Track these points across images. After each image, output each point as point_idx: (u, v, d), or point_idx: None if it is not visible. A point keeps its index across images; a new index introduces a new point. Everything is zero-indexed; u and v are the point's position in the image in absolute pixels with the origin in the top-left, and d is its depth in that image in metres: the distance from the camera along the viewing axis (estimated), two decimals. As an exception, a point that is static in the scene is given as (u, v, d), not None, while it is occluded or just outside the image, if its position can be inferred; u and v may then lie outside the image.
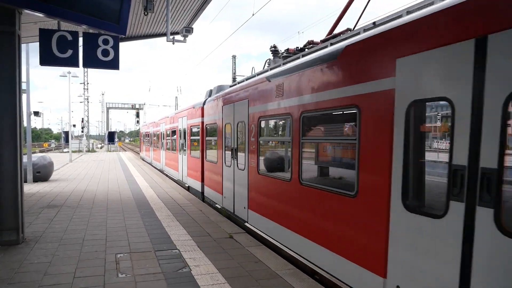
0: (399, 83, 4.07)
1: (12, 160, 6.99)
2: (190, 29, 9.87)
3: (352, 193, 4.94)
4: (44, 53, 7.27)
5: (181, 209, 10.70)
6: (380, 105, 4.40)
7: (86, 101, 61.08)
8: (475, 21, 3.27)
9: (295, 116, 6.49)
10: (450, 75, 3.49)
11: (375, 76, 4.50)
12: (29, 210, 10.12)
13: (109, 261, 6.15)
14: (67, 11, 6.95)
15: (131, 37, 12.59)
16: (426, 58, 3.74)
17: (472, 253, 3.25)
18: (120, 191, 14.32)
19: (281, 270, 5.86)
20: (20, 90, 7.17)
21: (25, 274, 5.57)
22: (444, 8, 3.64)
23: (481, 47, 3.18)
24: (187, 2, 9.96)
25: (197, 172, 14.16)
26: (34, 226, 8.44)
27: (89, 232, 7.97)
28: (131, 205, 11.19)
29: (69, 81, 33.01)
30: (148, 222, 8.96)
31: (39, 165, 16.99)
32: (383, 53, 4.39)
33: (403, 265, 4.01)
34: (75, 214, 9.78)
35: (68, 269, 5.77)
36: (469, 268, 3.28)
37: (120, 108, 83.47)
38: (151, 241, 7.34)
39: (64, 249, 6.76)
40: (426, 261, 3.71)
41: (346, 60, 5.14)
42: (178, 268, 5.89)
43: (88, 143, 60.39)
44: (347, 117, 5.62)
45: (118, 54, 7.68)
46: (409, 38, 4.02)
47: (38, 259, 6.24)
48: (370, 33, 4.78)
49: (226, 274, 5.67)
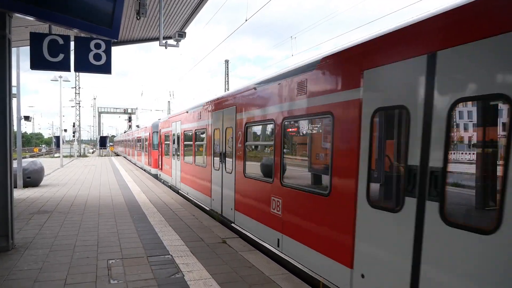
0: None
1: (1, 165, 6.89)
2: (183, 34, 9.84)
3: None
4: (35, 57, 7.18)
5: (173, 214, 10.63)
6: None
7: (78, 105, 60.52)
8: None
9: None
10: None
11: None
12: (19, 216, 9.97)
13: (100, 267, 6.07)
14: (59, 14, 6.85)
15: (124, 42, 12.53)
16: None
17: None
18: (112, 196, 14.19)
19: (275, 275, 5.83)
20: (10, 94, 7.08)
21: (15, 281, 5.47)
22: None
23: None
24: (180, 7, 9.95)
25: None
26: (24, 232, 8.31)
27: (80, 238, 7.87)
28: (123, 210, 11.08)
29: (60, 85, 32.77)
30: (141, 227, 8.88)
31: (30, 170, 16.75)
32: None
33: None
34: (66, 220, 9.66)
35: (59, 275, 5.68)
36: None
37: (112, 112, 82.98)
38: (144, 247, 7.27)
39: (54, 256, 6.67)
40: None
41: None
42: (171, 273, 5.83)
43: (80, 148, 59.81)
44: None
45: (110, 58, 7.62)
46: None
47: (28, 265, 6.14)
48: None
49: (219, 279, 5.62)
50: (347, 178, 4.90)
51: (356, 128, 4.70)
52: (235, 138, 9.03)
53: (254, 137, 8.66)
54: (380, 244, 4.29)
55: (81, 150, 61.95)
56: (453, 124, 3.51)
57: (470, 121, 3.61)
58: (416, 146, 3.83)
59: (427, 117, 3.70)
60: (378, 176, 4.64)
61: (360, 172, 4.63)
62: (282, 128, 6.70)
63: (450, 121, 3.48)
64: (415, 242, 3.79)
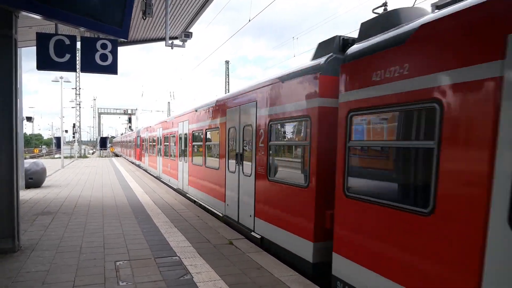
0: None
1: (8, 165, 6.84)
2: (189, 34, 9.79)
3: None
4: (41, 58, 7.12)
5: (178, 215, 10.58)
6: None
7: (78, 106, 60.49)
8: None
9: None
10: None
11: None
12: (24, 217, 9.90)
13: (108, 269, 6.02)
14: (67, 13, 6.74)
15: (130, 42, 12.45)
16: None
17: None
18: (115, 196, 14.14)
19: (284, 277, 5.79)
20: (17, 95, 7.02)
21: (23, 283, 5.42)
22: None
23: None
24: (185, 7, 9.91)
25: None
26: (30, 234, 8.26)
27: (86, 239, 7.82)
28: (127, 211, 11.04)
29: (61, 86, 32.69)
30: (146, 229, 8.83)
31: (32, 171, 16.64)
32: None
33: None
34: (70, 221, 9.61)
35: (67, 277, 5.64)
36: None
37: (112, 113, 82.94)
38: (150, 248, 7.22)
39: (61, 257, 6.62)
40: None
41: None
42: (180, 275, 5.79)
43: (80, 148, 59.72)
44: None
45: (117, 59, 7.56)
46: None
47: (35, 267, 6.10)
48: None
49: (229, 281, 5.58)
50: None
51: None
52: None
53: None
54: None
55: (82, 151, 61.83)
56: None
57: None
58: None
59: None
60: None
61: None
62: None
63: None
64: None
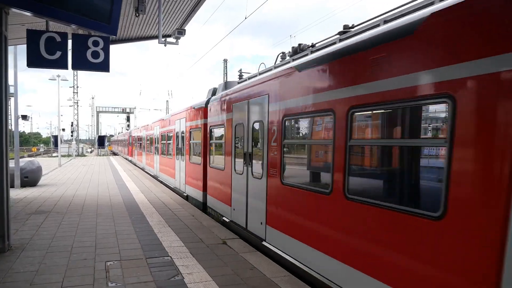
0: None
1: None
2: (182, 31, 9.70)
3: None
4: (31, 55, 7.02)
5: (172, 214, 10.50)
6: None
7: (76, 105, 60.32)
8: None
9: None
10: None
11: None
12: (16, 216, 9.82)
13: (98, 269, 5.94)
14: (57, 9, 6.64)
15: (122, 40, 12.37)
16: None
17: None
18: (111, 195, 14.05)
19: (277, 277, 5.71)
20: (7, 93, 6.92)
21: (11, 284, 5.33)
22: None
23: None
24: (179, 4, 9.81)
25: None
26: (21, 233, 8.17)
27: (78, 239, 7.73)
28: (121, 211, 10.95)
29: (58, 84, 32.59)
30: (139, 228, 8.74)
31: (27, 169, 16.57)
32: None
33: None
34: (63, 220, 9.52)
35: (56, 278, 5.55)
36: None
37: (111, 112, 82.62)
38: (142, 248, 7.14)
39: (51, 257, 6.53)
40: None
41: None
42: (171, 276, 5.71)
43: (78, 147, 59.55)
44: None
45: (109, 56, 7.47)
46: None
47: (24, 267, 6.00)
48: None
49: (220, 282, 5.50)
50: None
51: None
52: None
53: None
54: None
55: (79, 149, 61.67)
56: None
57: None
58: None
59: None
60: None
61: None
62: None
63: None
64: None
